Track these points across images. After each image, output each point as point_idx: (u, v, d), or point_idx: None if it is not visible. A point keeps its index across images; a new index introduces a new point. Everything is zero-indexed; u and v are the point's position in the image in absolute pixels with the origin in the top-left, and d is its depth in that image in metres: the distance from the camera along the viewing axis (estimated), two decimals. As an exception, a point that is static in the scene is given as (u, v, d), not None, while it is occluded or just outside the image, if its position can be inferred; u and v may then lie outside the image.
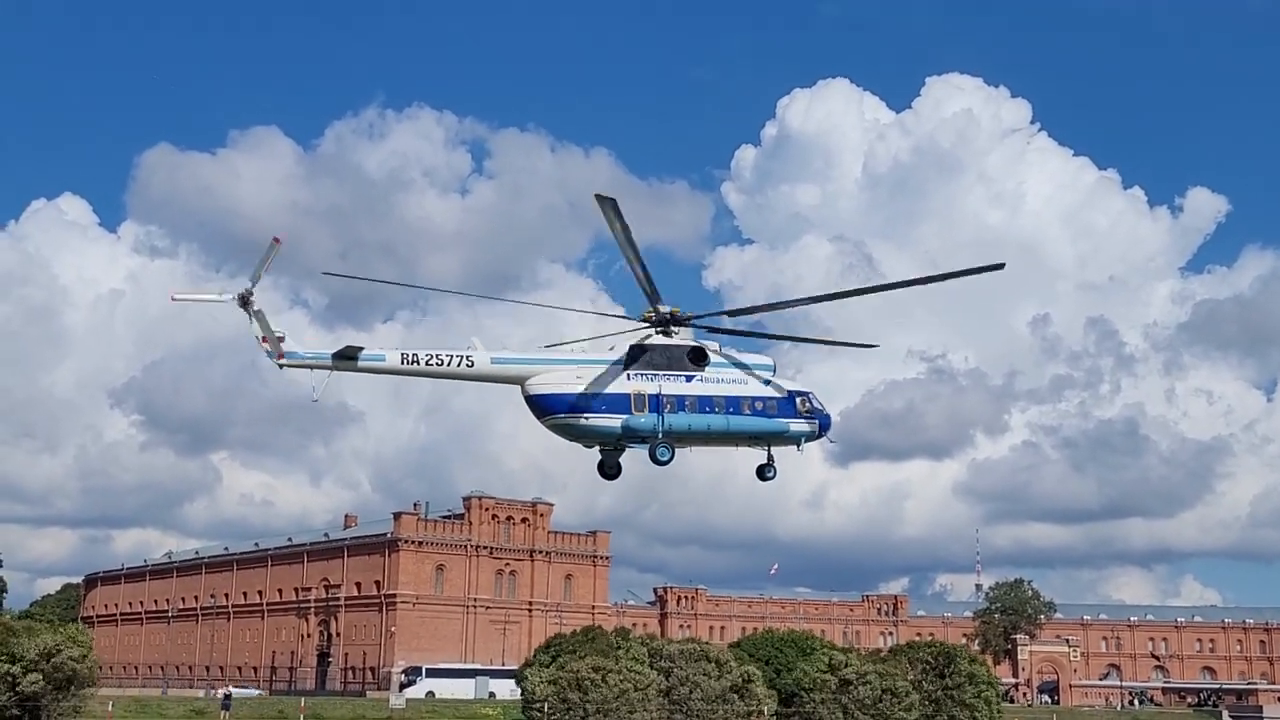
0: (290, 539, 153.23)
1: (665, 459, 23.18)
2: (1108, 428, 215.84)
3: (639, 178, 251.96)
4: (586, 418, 22.98)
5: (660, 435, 22.81)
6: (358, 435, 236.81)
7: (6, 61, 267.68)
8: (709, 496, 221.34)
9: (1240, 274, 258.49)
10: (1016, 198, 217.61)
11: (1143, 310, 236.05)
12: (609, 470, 25.81)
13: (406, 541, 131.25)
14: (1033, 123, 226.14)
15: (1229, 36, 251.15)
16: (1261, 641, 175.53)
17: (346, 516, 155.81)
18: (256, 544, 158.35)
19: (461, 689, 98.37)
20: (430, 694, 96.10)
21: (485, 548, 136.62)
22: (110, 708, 59.27)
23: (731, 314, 25.46)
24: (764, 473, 25.77)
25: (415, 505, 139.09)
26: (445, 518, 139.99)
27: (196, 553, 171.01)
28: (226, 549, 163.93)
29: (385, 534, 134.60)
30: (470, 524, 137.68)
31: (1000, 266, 22.09)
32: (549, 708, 61.31)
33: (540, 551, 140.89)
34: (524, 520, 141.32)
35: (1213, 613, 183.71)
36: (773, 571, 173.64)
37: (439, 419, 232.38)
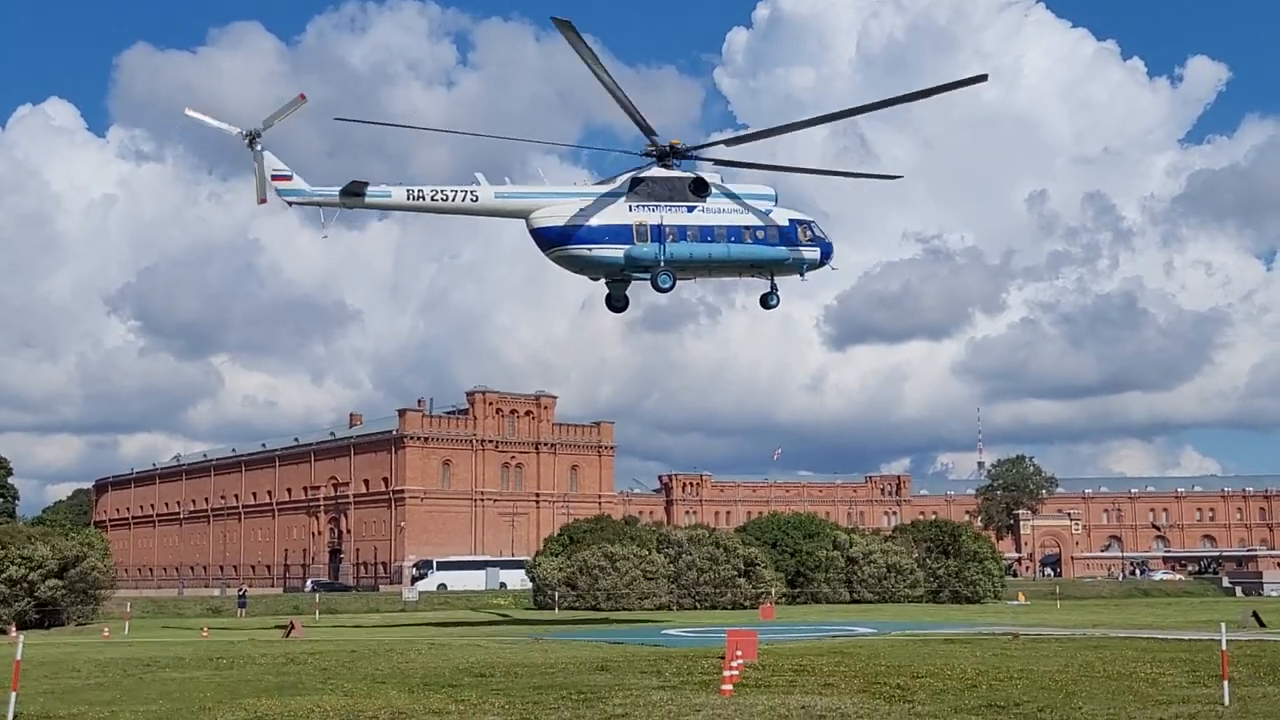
0: (297, 439, 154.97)
1: (667, 285, 24.88)
2: (1106, 302, 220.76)
3: (626, 64, 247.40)
4: (590, 248, 24.40)
5: (662, 264, 24.37)
6: (357, 334, 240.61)
7: None
8: (709, 384, 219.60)
9: (1239, 143, 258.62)
10: (1014, 73, 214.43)
11: (1141, 183, 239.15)
12: (616, 303, 27.32)
13: (412, 438, 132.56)
14: None
15: None
16: (1261, 509, 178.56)
17: (351, 415, 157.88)
18: (263, 445, 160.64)
19: (473, 581, 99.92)
20: (442, 586, 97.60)
21: (490, 442, 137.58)
22: (129, 608, 61.42)
23: (729, 143, 26.31)
24: (767, 301, 27.40)
25: (419, 402, 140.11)
26: (449, 413, 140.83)
27: (204, 455, 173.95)
28: (234, 450, 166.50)
29: (390, 431, 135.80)
30: (474, 419, 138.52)
31: (984, 78, 23.46)
32: (560, 595, 63.05)
33: (545, 444, 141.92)
34: (528, 413, 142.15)
35: (1212, 482, 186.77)
36: (775, 456, 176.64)
37: (438, 315, 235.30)
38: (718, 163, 26.01)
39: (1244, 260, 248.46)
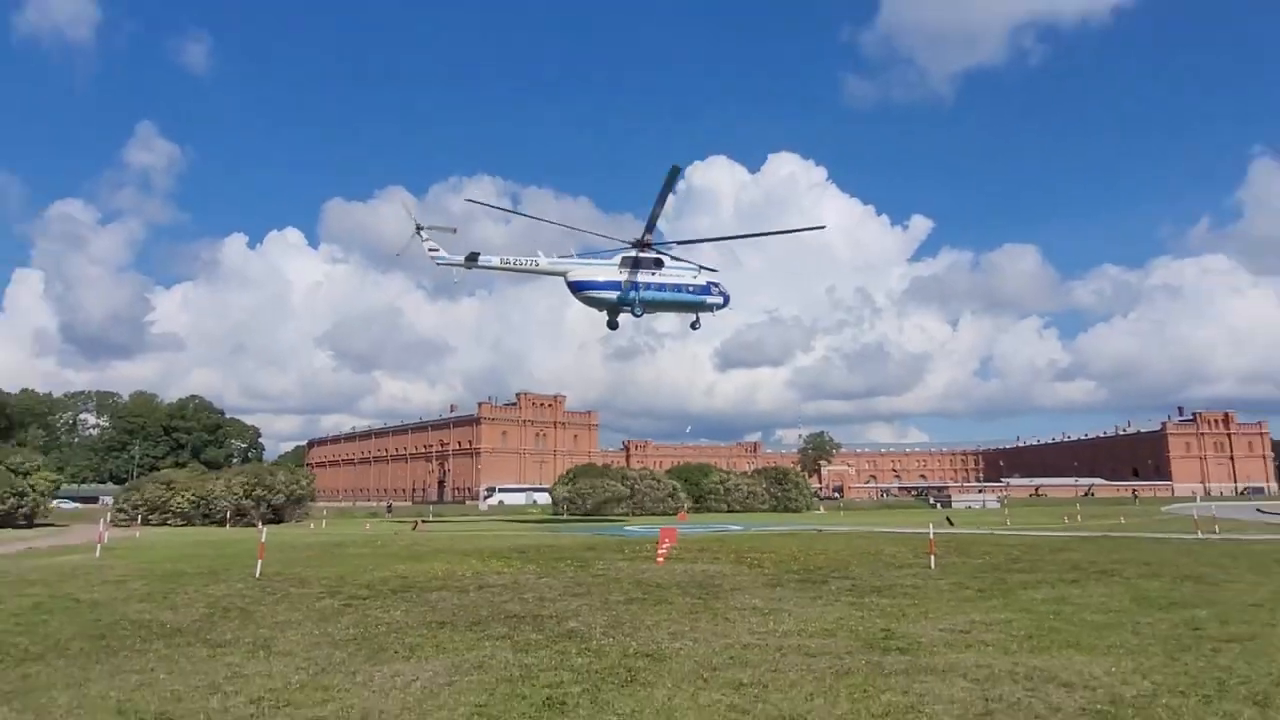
0: (421, 419, 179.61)
1: (639, 315, 29.30)
2: (866, 348, 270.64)
3: (605, 211, 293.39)
4: (598, 292, 28.50)
5: (637, 303, 28.65)
6: (453, 360, 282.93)
7: (238, 130, 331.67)
8: (651, 389, 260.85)
9: (939, 263, 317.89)
10: (819, 220, 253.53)
11: (886, 282, 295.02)
12: (612, 325, 30.61)
13: (486, 419, 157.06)
14: (828, 180, 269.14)
15: (927, 127, 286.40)
16: (951, 461, 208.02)
17: (451, 405, 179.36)
18: (402, 422, 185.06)
19: (518, 499, 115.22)
20: (500, 502, 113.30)
21: (529, 421, 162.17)
22: (324, 513, 69.41)
23: (680, 243, 30.57)
24: (694, 325, 31.27)
25: (490, 398, 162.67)
26: (507, 405, 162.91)
27: (369, 427, 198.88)
28: (384, 424, 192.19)
29: (473, 415, 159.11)
30: (520, 408, 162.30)
31: (822, 228, 30.13)
32: (566, 506, 71.54)
33: (560, 423, 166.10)
34: (549, 405, 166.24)
35: (926, 446, 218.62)
36: (688, 430, 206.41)
37: (498, 350, 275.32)
38: (669, 250, 29.54)
39: (940, 325, 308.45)
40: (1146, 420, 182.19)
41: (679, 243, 30.62)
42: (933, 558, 19.69)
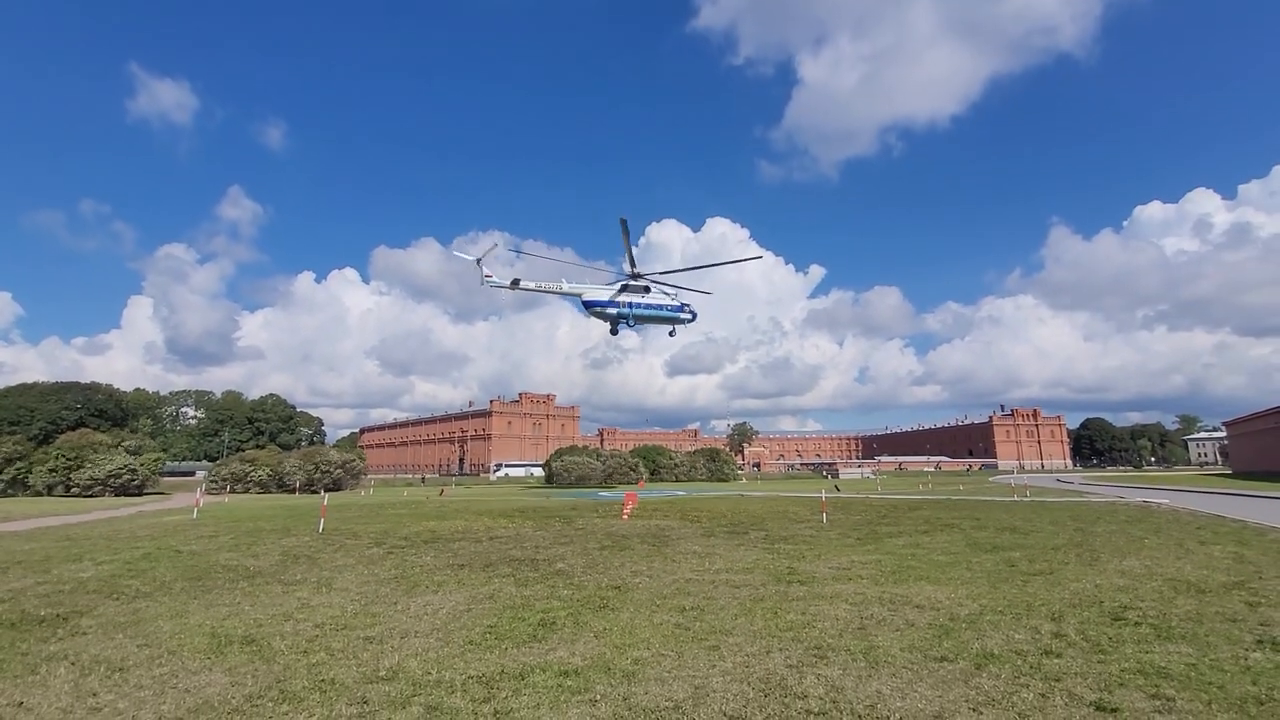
0: (446, 411, 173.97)
1: (632, 326, 28.84)
2: (777, 361, 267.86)
3: (587, 257, 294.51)
4: (603, 309, 27.97)
5: (631, 318, 28.25)
6: (472, 368, 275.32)
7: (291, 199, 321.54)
8: (619, 389, 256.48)
9: (829, 300, 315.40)
10: (740, 270, 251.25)
11: (791, 312, 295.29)
12: (613, 332, 29.71)
13: (496, 411, 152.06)
14: (750, 238, 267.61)
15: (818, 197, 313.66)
16: (838, 443, 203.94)
17: (470, 401, 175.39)
18: (431, 414, 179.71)
19: (519, 472, 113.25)
20: (506, 475, 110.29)
21: (528, 414, 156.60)
22: (372, 482, 68.21)
23: (661, 273, 29.60)
24: (671, 334, 30.31)
25: (499, 396, 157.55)
26: (512, 401, 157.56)
27: (407, 417, 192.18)
28: (418, 416, 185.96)
29: (486, 409, 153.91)
30: (522, 404, 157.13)
31: (759, 258, 28.51)
32: (555, 477, 68.72)
33: (551, 415, 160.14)
34: (543, 401, 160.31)
35: (820, 433, 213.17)
36: (646, 421, 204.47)
37: (506, 360, 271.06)
38: (654, 280, 28.96)
39: (830, 344, 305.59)
40: (978, 414, 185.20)
41: (661, 272, 29.80)
42: (824, 515, 19.51)
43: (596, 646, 6.46)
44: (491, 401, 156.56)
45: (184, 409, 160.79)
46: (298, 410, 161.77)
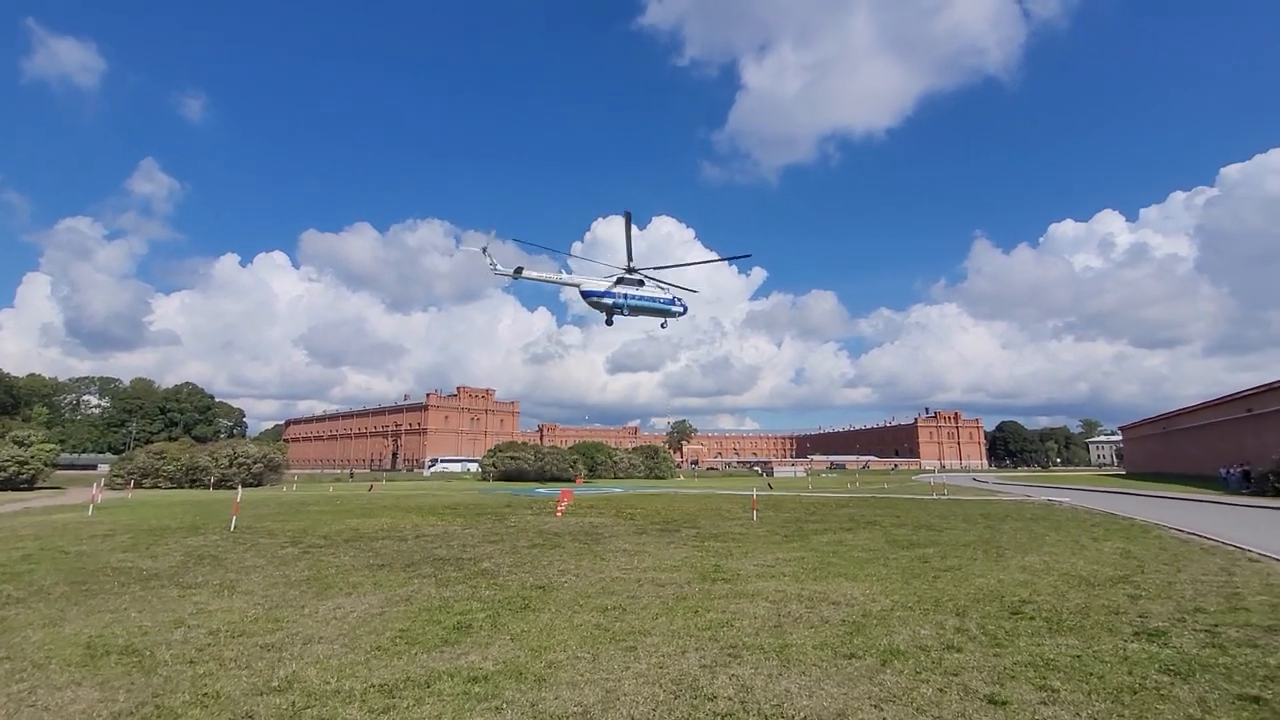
0: (380, 404, 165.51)
1: (627, 315, 28.51)
2: (718, 360, 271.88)
3: (579, 259, 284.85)
4: (601, 299, 27.87)
5: (626, 308, 28.22)
6: (408, 360, 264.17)
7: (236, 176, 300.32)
8: (559, 385, 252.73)
9: (770, 302, 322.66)
10: (684, 271, 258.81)
11: (732, 313, 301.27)
12: (609, 321, 29.35)
13: (432, 405, 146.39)
14: (695, 239, 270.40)
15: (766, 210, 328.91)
16: (776, 444, 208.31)
17: (405, 394, 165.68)
18: (364, 407, 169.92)
19: (455, 467, 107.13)
20: (440, 470, 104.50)
21: (466, 409, 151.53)
22: (295, 478, 64.15)
23: (655, 268, 29.46)
24: (663, 325, 30.26)
25: (435, 390, 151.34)
26: (449, 395, 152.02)
27: (337, 410, 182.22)
28: (351, 409, 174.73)
29: (423, 402, 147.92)
30: (460, 398, 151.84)
31: (748, 256, 31.00)
32: (491, 474, 67.86)
33: (490, 410, 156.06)
34: (482, 396, 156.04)
35: (757, 431, 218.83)
36: (585, 418, 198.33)
37: (444, 352, 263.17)
38: (647, 274, 29.10)
39: (768, 345, 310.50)
40: (905, 416, 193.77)
41: (655, 267, 29.76)
42: (755, 512, 19.54)
43: (511, 650, 6.30)
44: (428, 395, 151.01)
45: (86, 397, 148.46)
46: (216, 400, 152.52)
